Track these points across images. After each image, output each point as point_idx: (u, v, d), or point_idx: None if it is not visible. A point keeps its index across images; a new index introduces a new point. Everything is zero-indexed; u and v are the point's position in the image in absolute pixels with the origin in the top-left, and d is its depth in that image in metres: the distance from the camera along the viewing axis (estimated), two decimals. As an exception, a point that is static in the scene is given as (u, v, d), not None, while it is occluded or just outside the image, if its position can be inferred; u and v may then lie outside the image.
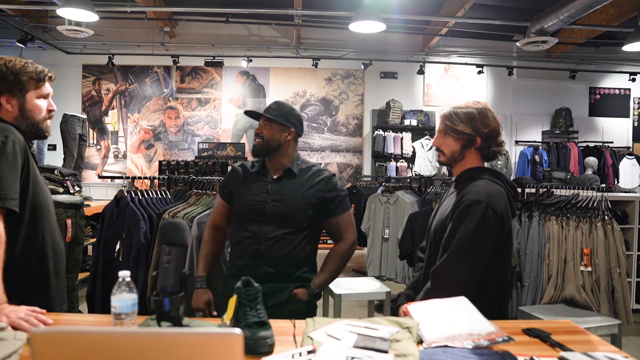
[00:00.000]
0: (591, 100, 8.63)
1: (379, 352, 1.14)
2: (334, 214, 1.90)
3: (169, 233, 1.35)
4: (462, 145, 1.64)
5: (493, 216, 1.50)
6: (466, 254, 1.49)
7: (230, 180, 1.95)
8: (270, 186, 1.86)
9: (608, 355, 1.22)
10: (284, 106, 1.92)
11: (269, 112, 1.88)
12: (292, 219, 1.83)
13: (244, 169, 1.96)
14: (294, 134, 1.91)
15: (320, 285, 1.87)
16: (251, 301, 1.35)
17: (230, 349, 0.69)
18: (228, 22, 7.01)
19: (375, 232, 4.61)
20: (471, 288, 1.49)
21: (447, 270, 1.52)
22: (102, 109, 8.04)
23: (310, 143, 8.17)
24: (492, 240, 1.51)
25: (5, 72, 1.51)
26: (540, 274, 3.04)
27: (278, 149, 1.87)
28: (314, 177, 1.89)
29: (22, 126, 1.56)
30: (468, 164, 1.66)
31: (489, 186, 1.56)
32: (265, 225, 1.81)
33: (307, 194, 1.85)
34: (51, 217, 1.63)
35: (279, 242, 1.81)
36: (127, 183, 2.99)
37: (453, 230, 1.53)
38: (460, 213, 1.52)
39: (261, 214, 1.82)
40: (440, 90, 8.40)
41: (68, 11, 4.56)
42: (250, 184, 1.90)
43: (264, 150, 1.88)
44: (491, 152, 1.66)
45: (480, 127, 1.62)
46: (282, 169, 1.89)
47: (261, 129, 1.88)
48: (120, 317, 1.24)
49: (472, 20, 6.56)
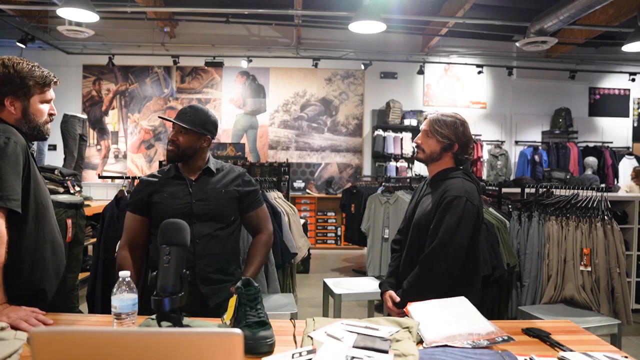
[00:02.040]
0: (591, 100, 8.63)
1: (379, 352, 1.14)
2: (253, 207, 1.95)
3: (169, 233, 1.35)
4: (442, 147, 1.87)
5: (472, 208, 1.76)
6: (451, 242, 1.73)
7: (144, 191, 1.88)
8: (191, 188, 1.86)
9: (608, 355, 1.22)
10: (200, 112, 1.89)
11: (184, 120, 1.85)
12: (221, 215, 1.86)
13: (155, 177, 1.92)
14: (209, 140, 1.91)
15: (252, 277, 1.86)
16: (251, 301, 1.35)
17: (230, 349, 0.69)
18: (228, 22, 7.01)
19: (375, 232, 4.61)
20: (454, 270, 1.75)
21: (435, 256, 1.75)
22: (102, 109, 8.04)
23: (310, 143, 8.17)
24: (471, 228, 1.77)
25: (12, 74, 1.51)
26: (540, 274, 3.04)
27: (194, 155, 1.88)
28: (230, 174, 1.93)
29: (24, 128, 1.56)
30: (443, 165, 1.90)
31: (464, 184, 1.81)
32: (195, 225, 1.80)
33: (229, 189, 1.89)
34: (51, 217, 1.64)
35: (212, 240, 1.83)
36: (128, 183, 2.99)
37: (438, 222, 1.77)
38: (444, 207, 1.77)
39: (189, 216, 1.79)
40: (440, 90, 8.40)
41: (68, 11, 4.56)
42: (169, 188, 1.86)
43: (180, 158, 1.87)
44: (463, 159, 1.90)
45: (461, 136, 1.87)
46: (199, 170, 1.90)
47: (176, 135, 1.85)
48: (120, 317, 1.24)
49: (472, 20, 6.56)
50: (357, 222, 5.25)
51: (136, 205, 1.89)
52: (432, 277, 1.74)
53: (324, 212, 7.77)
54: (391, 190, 4.64)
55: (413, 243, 1.88)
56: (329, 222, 7.71)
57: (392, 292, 1.88)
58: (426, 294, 1.60)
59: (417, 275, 1.78)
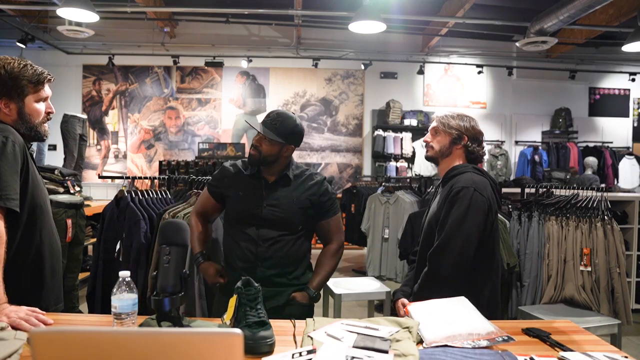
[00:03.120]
0: (591, 100, 8.63)
1: (379, 352, 1.14)
2: (326, 216, 1.92)
3: (169, 233, 1.35)
4: (451, 140, 1.82)
5: (480, 199, 1.67)
6: (459, 235, 1.64)
7: (222, 180, 1.92)
8: (265, 191, 1.85)
9: (608, 355, 1.22)
10: (287, 122, 1.83)
11: (270, 127, 1.81)
12: (289, 223, 1.84)
13: (235, 169, 1.92)
14: (292, 149, 1.88)
15: (318, 287, 1.88)
16: (251, 301, 1.35)
17: (230, 349, 0.69)
18: (228, 22, 7.01)
19: (375, 232, 4.61)
20: (463, 267, 1.64)
21: (442, 251, 1.66)
22: (102, 109, 8.04)
23: (310, 143, 8.17)
24: (481, 221, 1.67)
25: (3, 75, 1.48)
26: (540, 273, 3.04)
27: (275, 161, 1.85)
28: (307, 182, 1.90)
29: (21, 129, 1.55)
30: (454, 160, 1.83)
31: (474, 176, 1.73)
32: (262, 228, 1.82)
33: (301, 198, 1.86)
34: (49, 217, 1.63)
35: (277, 244, 1.82)
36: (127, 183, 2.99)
37: (446, 215, 1.69)
38: (451, 200, 1.69)
39: (257, 219, 1.82)
40: (440, 90, 8.40)
41: (68, 11, 4.56)
42: (245, 187, 1.87)
43: (261, 163, 1.85)
44: (475, 152, 1.83)
45: (469, 128, 1.82)
46: (278, 174, 1.88)
47: (260, 141, 1.82)
48: (120, 317, 1.24)
49: (472, 20, 6.56)
50: (357, 222, 5.25)
51: (213, 190, 1.95)
52: (441, 273, 1.64)
53: (324, 212, 7.75)
54: (391, 190, 4.64)
55: (424, 245, 1.81)
56: (329, 222, 7.69)
57: (404, 299, 1.81)
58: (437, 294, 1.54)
59: (426, 274, 1.70)
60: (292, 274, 1.86)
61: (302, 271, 1.90)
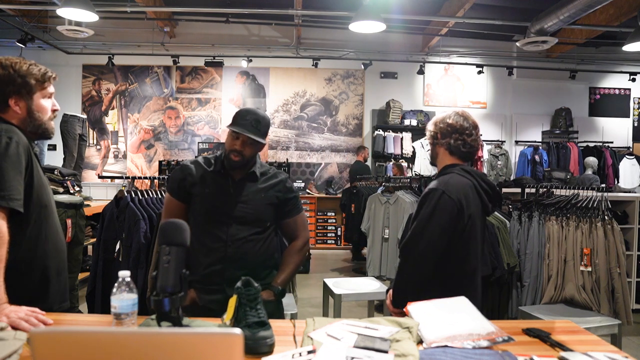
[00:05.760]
0: (591, 100, 8.63)
1: (379, 352, 1.14)
2: (291, 214, 1.93)
3: (169, 233, 1.35)
4: (432, 142, 1.91)
5: (448, 202, 1.69)
6: (423, 232, 1.70)
7: (185, 180, 1.85)
8: (233, 188, 1.83)
9: (608, 355, 1.22)
10: (264, 121, 1.82)
11: (253, 132, 1.77)
12: (259, 220, 1.83)
13: (197, 167, 1.87)
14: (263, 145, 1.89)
15: (283, 284, 1.86)
16: (251, 301, 1.35)
17: (230, 349, 0.69)
18: (228, 22, 7.02)
19: (375, 232, 4.60)
20: (425, 265, 1.70)
21: (408, 246, 1.74)
22: (102, 109, 8.04)
23: (310, 143, 8.17)
24: (446, 221, 1.69)
25: (13, 74, 1.52)
26: (540, 273, 3.04)
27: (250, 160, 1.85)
28: (272, 179, 1.90)
29: (29, 127, 1.57)
30: (442, 161, 1.89)
31: (452, 178, 1.76)
32: (232, 227, 1.79)
33: (269, 195, 1.86)
34: (54, 217, 1.65)
35: (247, 244, 1.80)
36: (127, 183, 2.99)
37: (416, 216, 1.77)
38: (421, 200, 1.77)
39: (228, 216, 1.79)
40: (440, 90, 8.40)
41: (68, 11, 4.56)
42: (211, 184, 1.84)
43: (243, 166, 1.83)
44: (457, 146, 1.81)
45: (439, 125, 1.86)
46: (245, 171, 1.87)
47: (244, 147, 1.78)
48: (120, 317, 1.24)
49: (472, 20, 6.56)
50: (357, 222, 5.25)
51: (176, 191, 1.87)
52: (407, 270, 1.74)
53: (324, 212, 7.77)
54: (391, 190, 4.64)
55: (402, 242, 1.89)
56: (329, 222, 7.71)
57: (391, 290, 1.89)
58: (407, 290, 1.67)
59: (398, 266, 1.80)
60: (259, 275, 1.81)
61: (268, 271, 1.89)
